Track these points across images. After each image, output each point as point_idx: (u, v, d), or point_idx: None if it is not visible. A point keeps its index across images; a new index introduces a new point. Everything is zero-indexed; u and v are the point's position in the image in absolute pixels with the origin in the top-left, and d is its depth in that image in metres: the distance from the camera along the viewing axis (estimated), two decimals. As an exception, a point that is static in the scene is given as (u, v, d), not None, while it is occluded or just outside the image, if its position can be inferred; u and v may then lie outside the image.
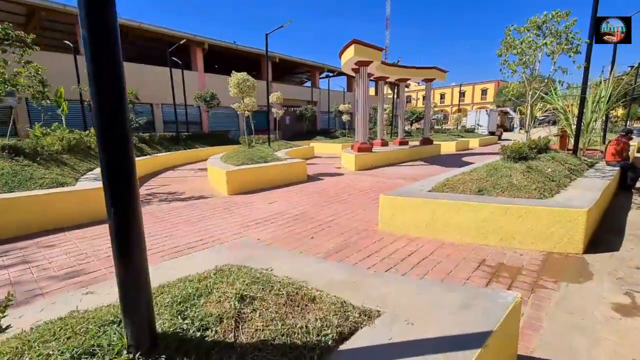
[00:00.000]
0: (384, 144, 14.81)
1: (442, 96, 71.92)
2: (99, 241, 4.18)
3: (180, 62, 16.84)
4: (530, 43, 5.19)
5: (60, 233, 4.49)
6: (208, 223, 4.96)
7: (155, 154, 11.95)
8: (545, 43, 5.12)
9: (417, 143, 16.29)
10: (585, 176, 5.52)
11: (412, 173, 9.80)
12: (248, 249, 2.43)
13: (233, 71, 8.90)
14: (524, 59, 5.41)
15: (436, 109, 70.96)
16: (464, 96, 66.11)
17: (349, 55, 10.31)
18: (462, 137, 22.33)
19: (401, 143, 15.41)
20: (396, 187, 5.43)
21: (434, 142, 16.96)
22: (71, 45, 12.96)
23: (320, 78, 34.28)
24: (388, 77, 14.53)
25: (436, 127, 30.63)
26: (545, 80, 6.27)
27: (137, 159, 10.23)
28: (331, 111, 26.76)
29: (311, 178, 9.12)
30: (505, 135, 29.78)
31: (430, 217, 4.10)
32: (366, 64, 10.92)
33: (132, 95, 14.22)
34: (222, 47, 21.62)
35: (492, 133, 27.76)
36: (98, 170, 7.20)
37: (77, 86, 11.30)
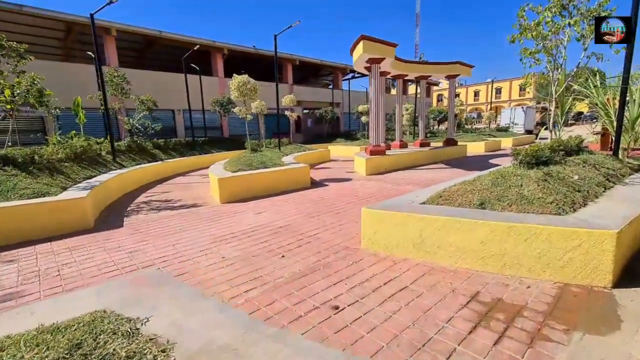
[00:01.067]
0: (403, 145, 13.98)
1: (476, 93, 68.36)
2: (60, 257, 3.96)
3: (197, 68, 17.03)
4: (551, 24, 4.34)
5: (30, 246, 4.35)
6: (181, 236, 4.62)
7: (167, 160, 12.02)
8: (569, 23, 4.25)
9: (441, 144, 15.28)
10: (625, 183, 4.55)
11: (428, 178, 8.99)
12: (147, 287, 1.99)
13: (234, 74, 8.64)
14: (544, 44, 4.55)
15: (469, 107, 67.81)
16: (500, 93, 62.36)
17: (359, 53, 9.71)
18: (494, 136, 20.77)
19: (422, 144, 14.48)
20: (402, 195, 4.77)
21: (460, 143, 15.85)
22: (92, 55, 13.45)
23: (345, 79, 33.74)
24: (406, 75, 13.69)
25: (467, 126, 28.96)
26: (575, 70, 5.32)
27: (144, 165, 10.31)
28: (353, 112, 26.11)
29: (316, 184, 8.62)
30: (545, 133, 27.47)
31: (419, 236, 3.45)
32: (378, 61, 10.25)
33: (151, 102, 14.52)
34: (241, 52, 21.75)
35: (529, 132, 25.66)
36: (96, 179, 7.20)
37: (92, 95, 11.60)
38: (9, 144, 9.87)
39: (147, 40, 20.01)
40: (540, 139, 23.68)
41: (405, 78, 14.34)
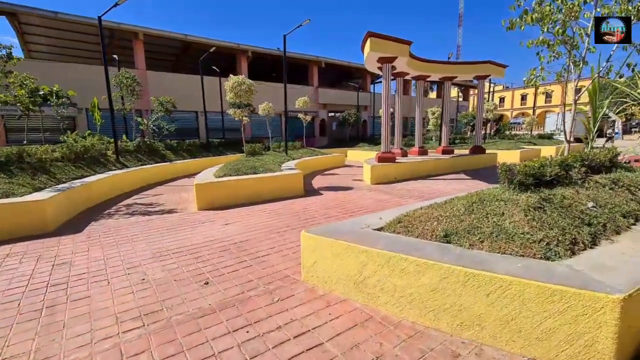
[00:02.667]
0: (422, 152, 12.91)
1: (523, 97, 63.46)
2: (-13, 264, 3.73)
3: (217, 70, 17.16)
4: (563, 2, 3.37)
5: (-27, 250, 4.20)
6: (126, 248, 4.24)
7: (177, 161, 12.04)
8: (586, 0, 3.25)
9: (467, 152, 13.94)
10: None
11: (440, 190, 7.99)
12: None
13: (230, 75, 8.29)
14: (559, 31, 3.59)
15: (515, 112, 62.98)
16: (550, 97, 57.29)
17: (367, 51, 8.95)
18: (534, 144, 18.75)
19: (444, 152, 13.29)
20: (372, 213, 4.01)
21: (490, 151, 14.40)
22: (116, 58, 13.98)
23: (377, 82, 32.64)
24: (429, 76, 12.63)
25: (507, 132, 26.70)
26: (606, 64, 4.19)
27: (149, 166, 10.32)
28: (377, 116, 25.07)
29: (311, 192, 8.00)
30: (600, 142, 24.44)
31: (359, 273, 2.71)
32: (389, 60, 9.41)
33: (170, 103, 14.79)
34: (265, 54, 21.73)
35: (578, 140, 22.90)
36: (86, 180, 7.17)
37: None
38: (24, 142, 10.41)
39: (183, 45, 20.60)
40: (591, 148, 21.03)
41: (428, 79, 13.26)
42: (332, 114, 26.66)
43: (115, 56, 14.26)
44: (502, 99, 64.80)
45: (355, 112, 23.17)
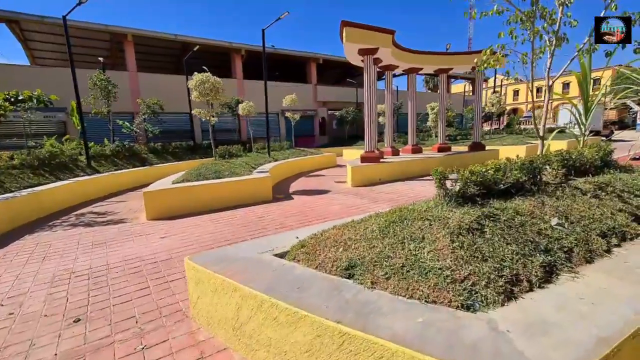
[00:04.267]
0: (416, 150, 12.11)
1: (539, 89, 60.92)
2: None
3: (207, 70, 16.71)
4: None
5: None
6: (26, 270, 3.74)
7: (159, 165, 11.64)
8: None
9: (466, 149, 13.06)
10: None
11: (424, 193, 7.24)
12: None
13: (195, 72, 7.76)
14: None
15: (529, 105, 60.44)
16: (567, 88, 54.69)
17: (344, 42, 8.25)
18: (545, 139, 17.52)
19: (440, 149, 12.44)
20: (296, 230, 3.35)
21: (493, 147, 13.49)
22: (101, 60, 13.70)
23: (382, 78, 31.58)
24: (421, 69, 11.80)
25: (517, 127, 25.39)
26: (588, 39, 3.38)
27: (124, 171, 9.94)
28: (379, 113, 24.18)
29: (283, 197, 7.39)
30: (622, 134, 22.89)
31: (236, 316, 2.08)
32: (370, 51, 8.67)
33: (157, 105, 14.44)
34: (261, 52, 21.15)
35: (595, 133, 21.47)
36: (40, 188, 6.78)
37: (84, 98, 11.50)
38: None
39: (182, 47, 20.28)
40: (615, 140, 19.80)
41: (421, 72, 12.42)
42: (333, 112, 25.94)
43: (100, 58, 14.01)
44: (516, 92, 62.49)
45: (354, 109, 22.36)
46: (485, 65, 3.50)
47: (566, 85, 58.89)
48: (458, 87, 49.59)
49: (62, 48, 20.53)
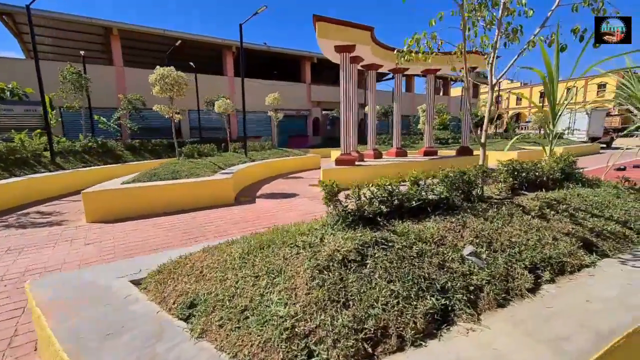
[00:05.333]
0: (401, 154, 11.65)
1: (542, 94, 60.12)
2: None
3: (193, 66, 16.39)
4: None
5: None
6: None
7: (134, 162, 11.26)
8: None
9: (454, 153, 12.60)
10: (624, 260, 2.24)
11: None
12: None
13: (157, 66, 7.35)
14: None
15: (533, 109, 59.60)
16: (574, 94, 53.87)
17: (318, 39, 7.82)
18: (539, 144, 17.03)
19: (427, 153, 11.97)
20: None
21: (477, 152, 12.94)
22: (82, 53, 13.36)
23: (386, 79, 31.12)
24: (407, 69, 11.33)
25: (512, 132, 24.92)
26: (539, 30, 2.91)
27: (93, 168, 9.58)
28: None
29: (246, 200, 6.97)
30: (621, 142, 22.30)
31: (50, 363, 1.66)
32: (347, 49, 8.22)
33: (139, 101, 14.10)
34: (252, 50, 20.80)
35: (594, 139, 20.90)
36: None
37: (56, 92, 11.16)
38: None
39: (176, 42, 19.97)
40: (614, 148, 19.39)
41: (407, 72, 11.96)
42: (327, 112, 25.49)
43: (82, 52, 13.66)
44: (519, 98, 61.84)
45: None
46: (403, 58, 3.03)
47: (542, 95, 57.77)
48: (459, 90, 48.94)
49: (57, 42, 20.34)
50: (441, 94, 34.63)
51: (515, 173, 2.95)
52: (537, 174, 3.07)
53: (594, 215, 2.70)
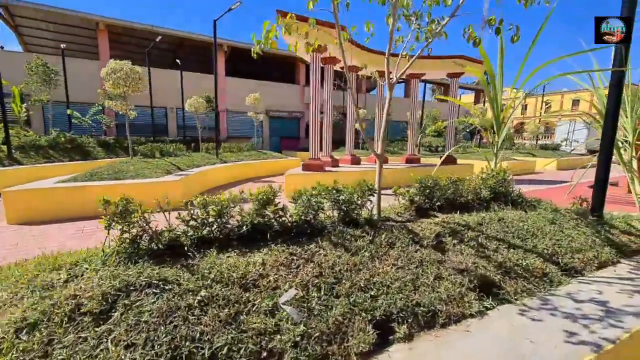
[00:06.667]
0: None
1: (547, 104, 59.21)
2: None
3: (180, 64, 16.11)
4: None
5: None
6: None
7: (103, 159, 10.91)
8: None
9: (438, 162, 12.08)
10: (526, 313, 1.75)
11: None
12: None
13: (111, 60, 6.99)
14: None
15: (540, 120, 58.64)
16: (578, 104, 52.97)
17: (283, 37, 7.41)
18: (533, 155, 16.51)
19: (409, 160, 11.47)
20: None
21: (466, 162, 12.51)
22: (62, 47, 13.08)
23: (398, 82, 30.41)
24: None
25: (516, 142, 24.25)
26: (447, 20, 2.44)
27: (56, 164, 9.23)
28: (372, 118, 23.21)
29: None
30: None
31: None
32: (317, 49, 7.78)
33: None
34: (244, 49, 20.49)
35: (592, 152, 20.22)
36: None
37: (22, 84, 10.84)
38: None
39: (179, 41, 19.77)
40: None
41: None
42: (321, 115, 25.03)
43: (62, 45, 13.39)
44: (525, 106, 61.10)
45: (339, 113, 21.47)
46: (264, 44, 2.58)
47: (547, 104, 55.84)
48: (468, 98, 48.11)
49: (53, 35, 20.21)
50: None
51: (427, 191, 2.48)
52: (456, 192, 2.61)
53: (511, 246, 2.24)
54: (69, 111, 11.34)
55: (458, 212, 2.51)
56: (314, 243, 1.75)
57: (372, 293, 1.58)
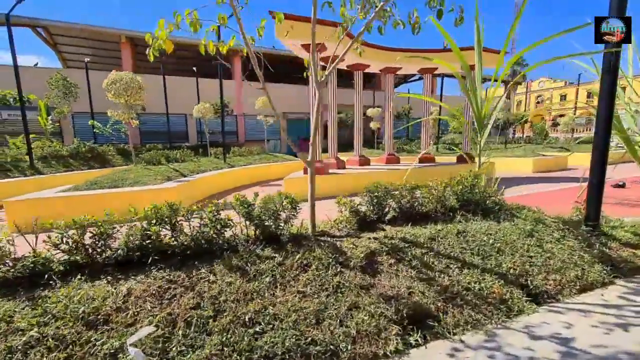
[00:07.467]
0: (392, 160, 10.74)
1: (589, 95, 54.80)
2: None
3: (195, 70, 16.54)
4: None
5: None
6: None
7: (120, 167, 11.37)
8: None
9: (455, 160, 11.47)
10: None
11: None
12: None
13: (113, 71, 7.19)
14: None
15: (579, 111, 54.46)
16: (622, 92, 48.49)
17: (277, 37, 7.29)
18: (566, 149, 15.22)
19: (422, 160, 10.93)
20: None
21: (491, 159, 11.69)
22: (86, 60, 13.83)
23: (413, 80, 29.80)
24: (399, 68, 10.42)
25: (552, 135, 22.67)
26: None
27: (71, 173, 9.72)
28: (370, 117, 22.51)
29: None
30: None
31: None
32: (318, 49, 7.57)
33: (139, 106, 14.38)
34: (264, 54, 20.62)
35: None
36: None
37: (48, 97, 11.57)
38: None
39: (195, 48, 20.43)
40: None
41: (399, 72, 11.03)
42: (339, 115, 24.74)
43: (86, 59, 14.17)
44: (563, 96, 57.02)
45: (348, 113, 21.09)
46: (154, 49, 2.36)
47: (589, 95, 51.61)
48: (499, 91, 45.68)
49: (89, 51, 21.61)
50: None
51: (375, 201, 2.19)
52: (413, 202, 2.29)
53: (466, 265, 1.90)
54: (90, 122, 11.94)
55: (412, 224, 2.19)
56: (207, 267, 1.55)
57: (257, 329, 1.34)
